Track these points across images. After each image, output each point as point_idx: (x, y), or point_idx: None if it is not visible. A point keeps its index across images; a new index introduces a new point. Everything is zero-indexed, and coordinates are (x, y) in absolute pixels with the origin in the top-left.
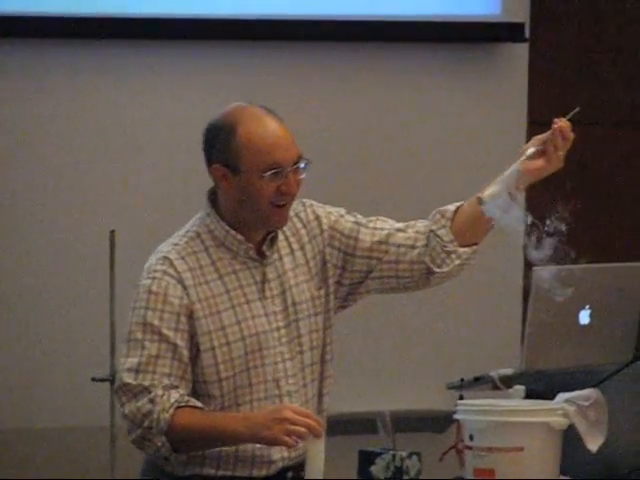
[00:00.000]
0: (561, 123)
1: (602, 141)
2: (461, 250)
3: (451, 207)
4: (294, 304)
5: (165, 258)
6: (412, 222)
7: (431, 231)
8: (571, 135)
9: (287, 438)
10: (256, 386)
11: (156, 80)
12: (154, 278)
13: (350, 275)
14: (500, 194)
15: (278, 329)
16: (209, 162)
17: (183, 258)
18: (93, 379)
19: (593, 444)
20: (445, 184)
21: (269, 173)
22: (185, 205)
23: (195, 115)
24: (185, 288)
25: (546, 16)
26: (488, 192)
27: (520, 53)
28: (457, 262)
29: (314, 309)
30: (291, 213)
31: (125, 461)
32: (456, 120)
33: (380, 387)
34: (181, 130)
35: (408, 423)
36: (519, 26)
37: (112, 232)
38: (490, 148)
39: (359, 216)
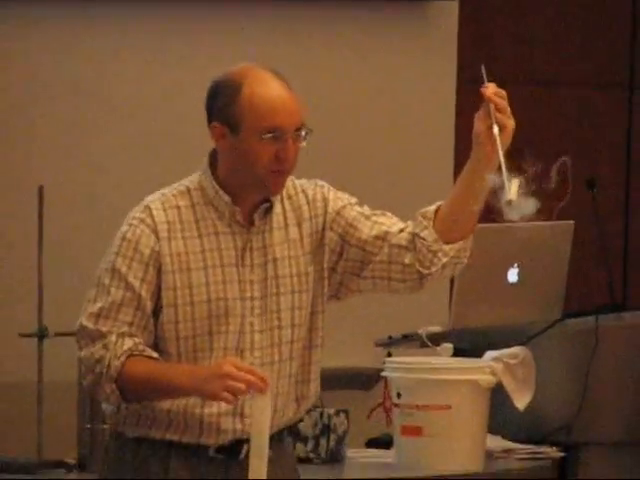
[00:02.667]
0: (489, 88)
1: (529, 100)
2: (447, 247)
3: (431, 207)
4: (276, 277)
5: (146, 207)
6: (410, 222)
7: (415, 234)
8: (504, 92)
9: (225, 394)
10: (217, 351)
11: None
12: (130, 225)
13: (344, 264)
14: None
15: (252, 299)
16: (209, 119)
17: (165, 210)
18: (21, 334)
19: (521, 402)
20: (373, 145)
21: (268, 136)
22: (122, 161)
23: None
24: (158, 240)
25: None
26: (513, 192)
27: (450, 11)
28: (444, 260)
29: (299, 286)
30: (298, 189)
31: (53, 418)
32: (385, 77)
33: None
34: (120, 87)
35: (336, 381)
36: None
37: (41, 187)
38: (419, 106)
39: (366, 207)
